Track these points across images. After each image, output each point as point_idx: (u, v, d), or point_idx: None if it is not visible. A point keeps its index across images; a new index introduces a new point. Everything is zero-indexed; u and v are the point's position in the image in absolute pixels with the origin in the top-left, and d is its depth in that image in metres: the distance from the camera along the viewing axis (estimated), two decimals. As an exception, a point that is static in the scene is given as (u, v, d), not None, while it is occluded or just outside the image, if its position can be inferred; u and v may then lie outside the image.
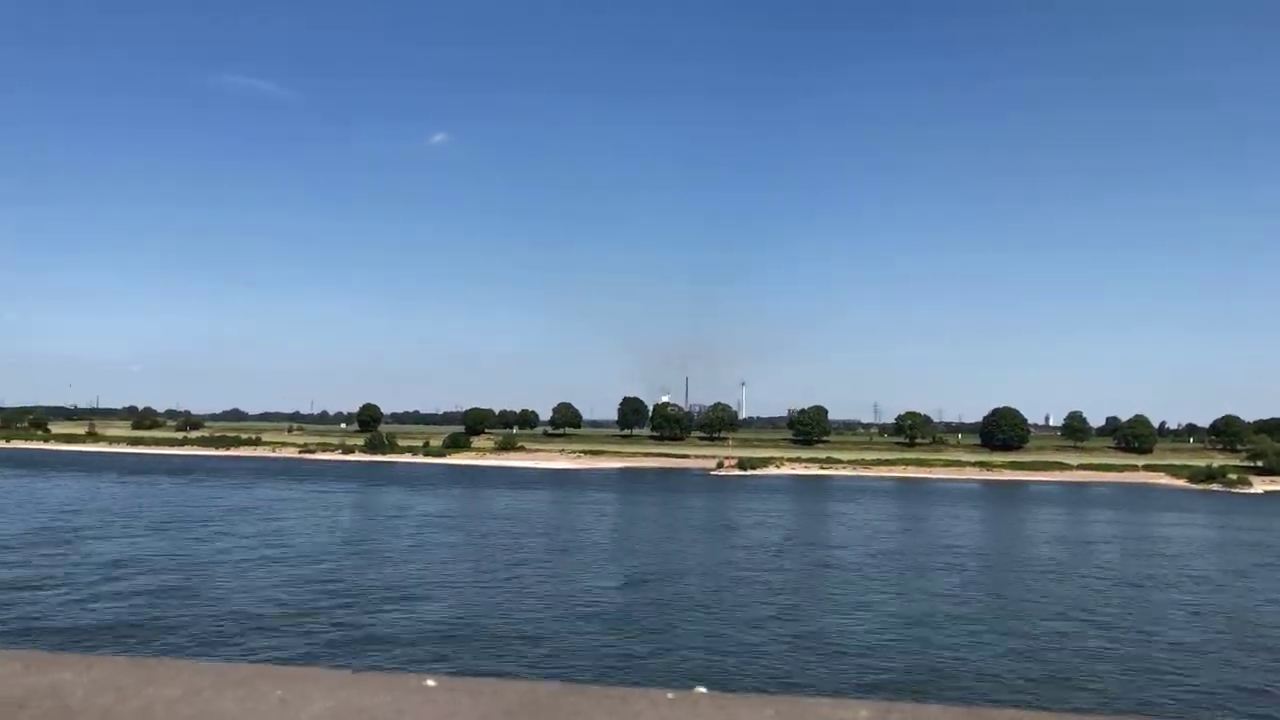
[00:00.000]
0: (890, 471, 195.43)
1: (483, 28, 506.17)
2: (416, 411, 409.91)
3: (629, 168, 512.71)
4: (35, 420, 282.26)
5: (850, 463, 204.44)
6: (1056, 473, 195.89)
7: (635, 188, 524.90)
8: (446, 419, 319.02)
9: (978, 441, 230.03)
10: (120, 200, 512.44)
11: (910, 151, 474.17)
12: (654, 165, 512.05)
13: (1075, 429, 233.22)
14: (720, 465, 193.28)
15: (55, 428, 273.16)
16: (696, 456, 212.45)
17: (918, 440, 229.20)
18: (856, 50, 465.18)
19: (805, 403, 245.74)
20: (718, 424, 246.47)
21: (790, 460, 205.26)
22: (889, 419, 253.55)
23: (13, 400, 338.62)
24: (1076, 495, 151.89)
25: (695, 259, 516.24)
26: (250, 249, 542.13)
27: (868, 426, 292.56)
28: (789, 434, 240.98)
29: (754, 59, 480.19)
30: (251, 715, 2.03)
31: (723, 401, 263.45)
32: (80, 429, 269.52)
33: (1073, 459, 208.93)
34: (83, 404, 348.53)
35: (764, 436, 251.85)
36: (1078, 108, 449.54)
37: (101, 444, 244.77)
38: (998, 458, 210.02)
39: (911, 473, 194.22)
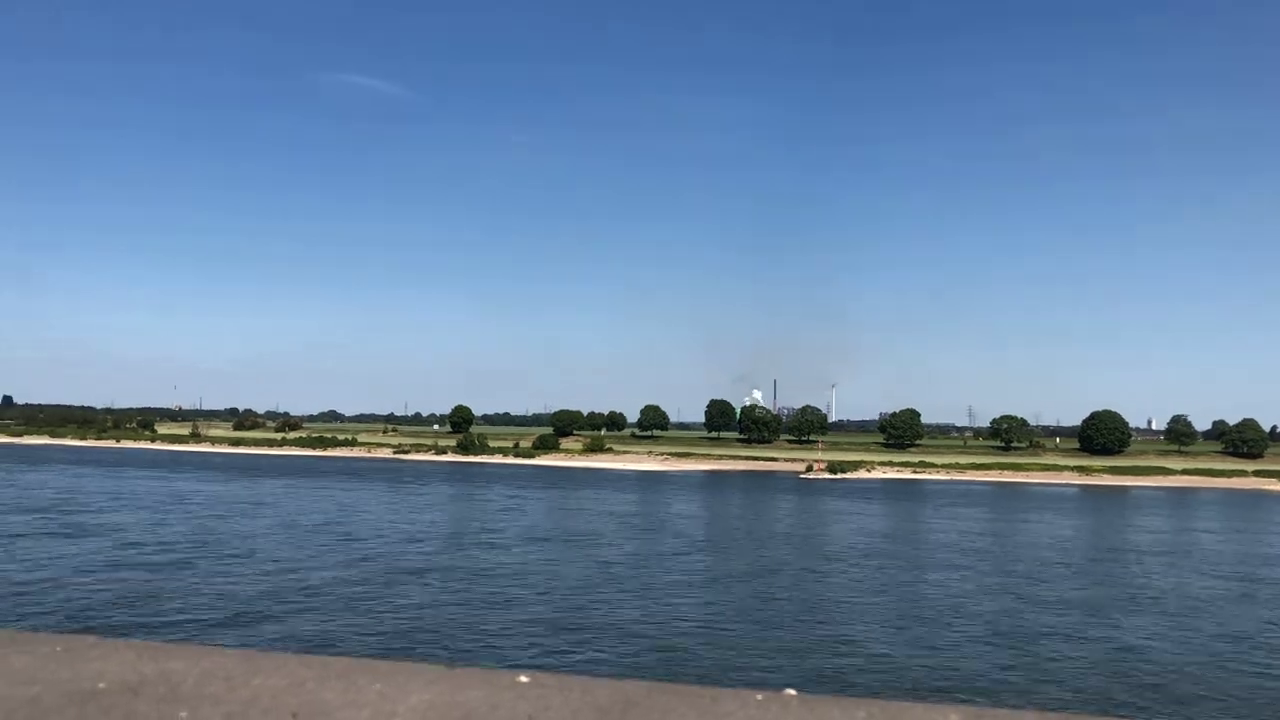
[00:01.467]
0: (985, 476, 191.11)
1: (559, 36, 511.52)
2: (507, 413, 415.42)
3: (720, 167, 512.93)
4: (143, 421, 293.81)
5: (944, 466, 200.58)
6: (1158, 478, 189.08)
7: (725, 190, 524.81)
8: (536, 421, 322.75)
9: (1076, 446, 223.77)
10: (227, 209, 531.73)
11: (1013, 159, 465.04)
12: (748, 163, 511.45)
13: (1179, 433, 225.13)
14: (810, 469, 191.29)
15: (161, 428, 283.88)
16: (785, 460, 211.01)
17: (1014, 444, 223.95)
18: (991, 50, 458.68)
19: (897, 406, 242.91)
20: (807, 427, 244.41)
21: (882, 464, 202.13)
22: (984, 423, 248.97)
23: (122, 402, 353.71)
24: (1182, 501, 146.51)
25: (786, 260, 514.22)
26: (350, 255, 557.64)
27: (962, 430, 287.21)
28: (880, 438, 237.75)
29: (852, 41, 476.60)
30: (351, 706, 2.11)
31: (812, 404, 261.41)
32: (184, 430, 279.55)
33: (1176, 464, 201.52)
34: (187, 405, 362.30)
35: (854, 440, 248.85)
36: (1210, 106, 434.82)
37: (204, 444, 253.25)
38: (1096, 462, 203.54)
39: (1007, 477, 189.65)
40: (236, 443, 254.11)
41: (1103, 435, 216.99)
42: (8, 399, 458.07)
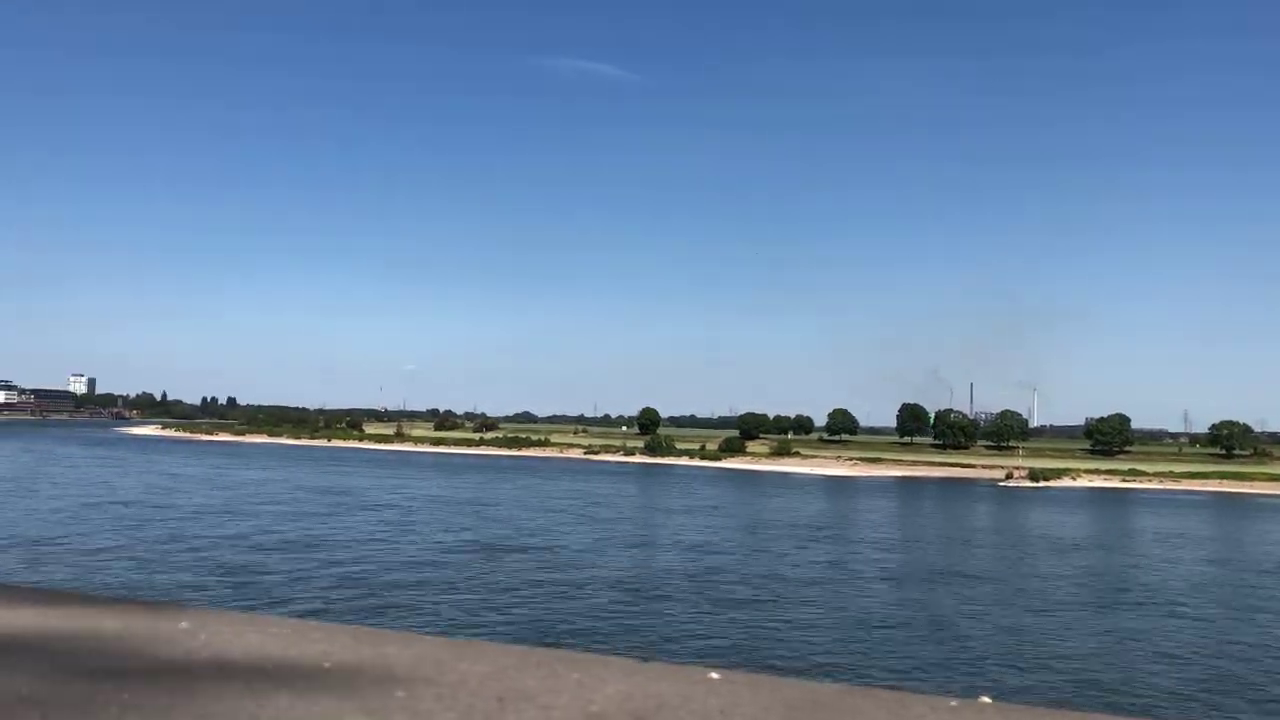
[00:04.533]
0: (1203, 486, 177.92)
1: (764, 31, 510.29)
2: (693, 415, 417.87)
3: (913, 160, 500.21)
4: (351, 421, 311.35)
5: (1156, 475, 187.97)
6: None
7: (916, 182, 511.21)
8: (721, 423, 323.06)
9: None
10: (432, 213, 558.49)
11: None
12: (942, 156, 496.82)
13: None
14: (1009, 476, 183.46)
15: (368, 428, 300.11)
16: (982, 466, 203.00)
17: (1235, 452, 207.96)
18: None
19: (1104, 410, 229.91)
20: (1006, 432, 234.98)
21: (1087, 472, 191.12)
22: (1201, 428, 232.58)
23: (333, 403, 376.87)
24: None
25: (985, 258, 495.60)
26: (550, 259, 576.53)
27: (1176, 436, 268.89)
28: (1086, 444, 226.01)
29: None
30: (551, 692, 2.22)
31: (1011, 409, 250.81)
32: (389, 429, 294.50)
33: None
34: (391, 406, 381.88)
35: (1058, 446, 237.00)
36: None
37: (407, 444, 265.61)
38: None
39: (1228, 487, 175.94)
40: (437, 442, 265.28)
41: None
42: (232, 400, 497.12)
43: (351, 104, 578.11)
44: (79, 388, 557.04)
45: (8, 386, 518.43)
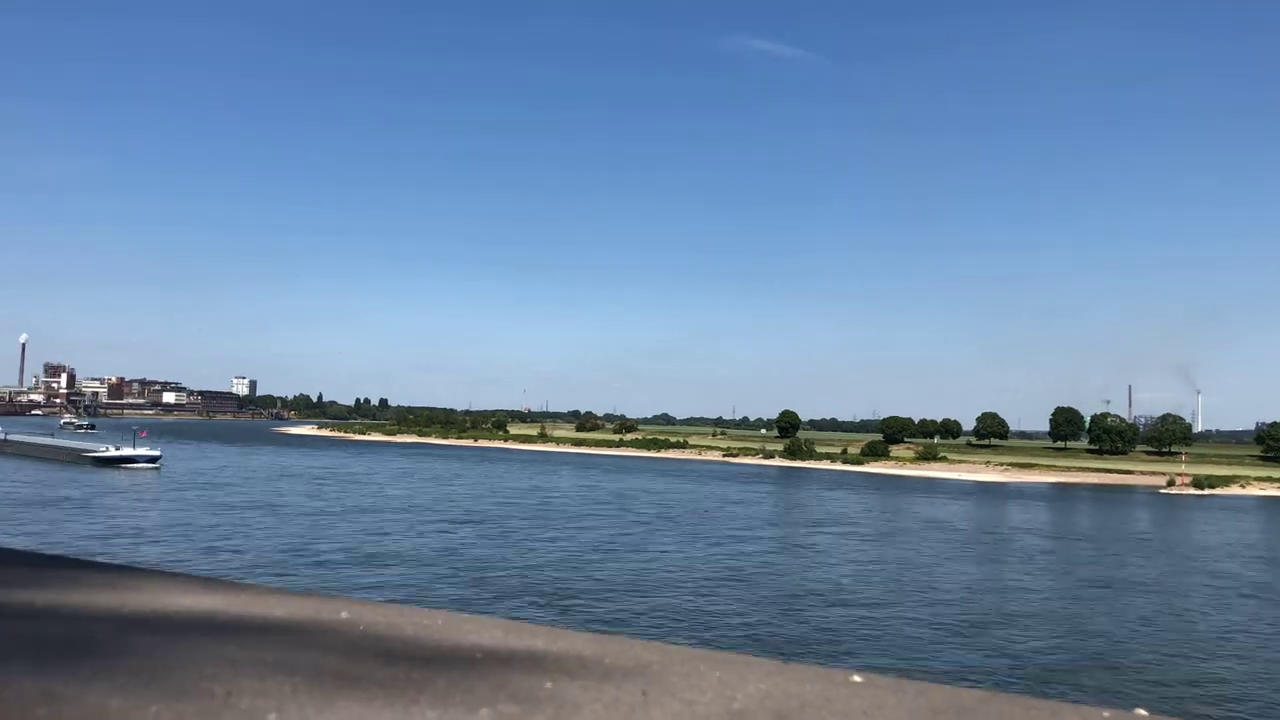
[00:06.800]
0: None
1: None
2: (834, 419, 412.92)
3: (1071, 157, 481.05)
4: (497, 422, 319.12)
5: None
6: None
7: (1070, 172, 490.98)
8: (863, 427, 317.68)
9: None
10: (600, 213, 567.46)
11: None
12: (1108, 152, 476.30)
13: None
14: (1171, 483, 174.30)
15: (512, 429, 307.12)
16: (1141, 473, 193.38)
17: None
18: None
19: (1275, 414, 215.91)
20: (1167, 437, 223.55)
21: (1259, 479, 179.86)
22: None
23: (478, 404, 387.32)
24: None
25: (1141, 255, 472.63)
26: (683, 259, 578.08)
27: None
28: (1256, 450, 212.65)
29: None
30: (694, 689, 2.25)
31: (1173, 413, 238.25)
32: (533, 430, 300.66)
33: None
34: (534, 408, 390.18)
35: (1225, 453, 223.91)
36: None
37: (550, 444, 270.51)
38: None
39: None
40: (578, 443, 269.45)
41: None
42: (383, 401, 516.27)
43: (502, 95, 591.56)
44: (241, 389, 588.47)
45: (177, 388, 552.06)
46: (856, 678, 2.38)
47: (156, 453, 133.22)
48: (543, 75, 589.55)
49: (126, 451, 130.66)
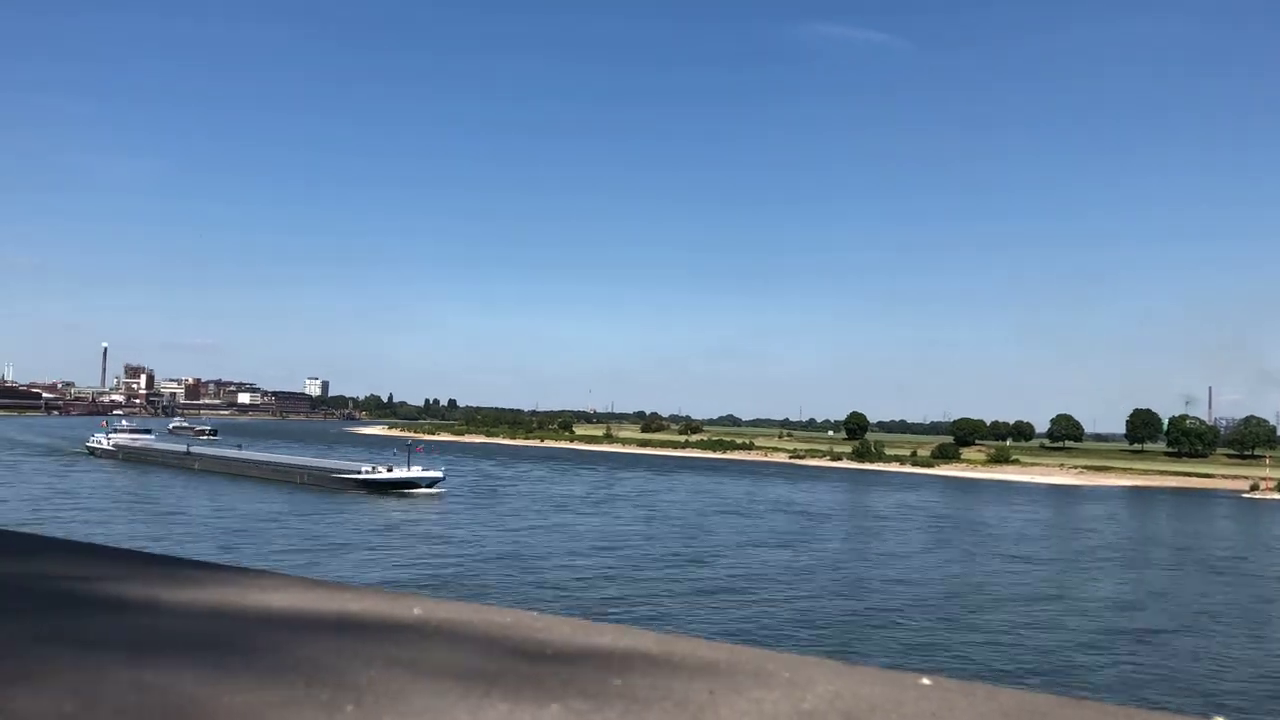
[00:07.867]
0: None
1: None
2: (903, 420, 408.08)
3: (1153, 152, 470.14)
4: (563, 423, 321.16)
5: None
6: None
7: (1147, 170, 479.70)
8: (933, 429, 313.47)
9: None
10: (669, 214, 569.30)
11: None
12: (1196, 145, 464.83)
13: None
14: (1255, 487, 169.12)
15: (578, 429, 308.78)
16: (1223, 476, 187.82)
17: None
18: None
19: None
20: (1251, 440, 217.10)
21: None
22: None
23: (544, 405, 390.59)
24: None
25: (1221, 244, 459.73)
26: (748, 261, 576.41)
27: None
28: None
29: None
30: (763, 688, 2.27)
31: (1257, 415, 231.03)
32: (599, 431, 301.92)
33: None
34: (600, 408, 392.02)
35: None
36: None
37: (615, 445, 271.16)
38: None
39: None
40: (644, 443, 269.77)
41: None
42: (452, 401, 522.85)
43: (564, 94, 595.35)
44: (314, 390, 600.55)
45: (252, 389, 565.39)
46: (925, 680, 2.38)
47: (439, 474, 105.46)
48: (591, 75, 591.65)
49: (401, 474, 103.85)
